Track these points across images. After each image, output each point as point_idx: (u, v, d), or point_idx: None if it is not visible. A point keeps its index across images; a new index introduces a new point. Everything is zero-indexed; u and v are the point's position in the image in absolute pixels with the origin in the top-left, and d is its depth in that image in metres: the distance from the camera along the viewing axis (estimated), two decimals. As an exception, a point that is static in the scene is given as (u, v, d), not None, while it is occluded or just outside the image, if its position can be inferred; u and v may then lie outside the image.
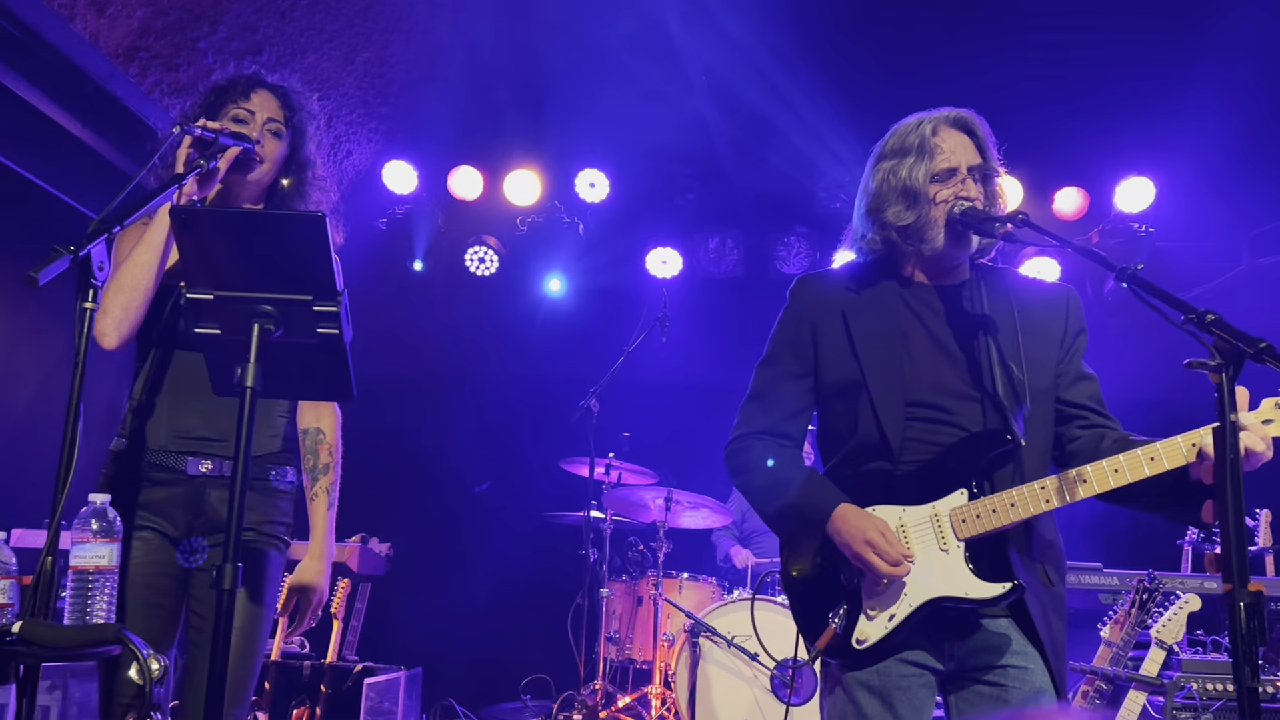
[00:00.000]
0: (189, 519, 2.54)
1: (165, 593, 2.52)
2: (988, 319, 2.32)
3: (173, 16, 4.95)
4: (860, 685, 2.22)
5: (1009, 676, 2.19)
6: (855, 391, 2.30)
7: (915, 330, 2.33)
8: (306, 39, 5.66)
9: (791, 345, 2.44)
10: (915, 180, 2.31)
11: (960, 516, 2.20)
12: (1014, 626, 2.22)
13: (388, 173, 6.83)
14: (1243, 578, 1.67)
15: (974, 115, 2.37)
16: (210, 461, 2.55)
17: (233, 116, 2.63)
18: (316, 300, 2.01)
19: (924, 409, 2.26)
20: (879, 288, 2.39)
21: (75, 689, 4.12)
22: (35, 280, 1.95)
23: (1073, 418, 2.33)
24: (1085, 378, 2.36)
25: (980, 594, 2.16)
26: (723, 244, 7.12)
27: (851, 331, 2.34)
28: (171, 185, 2.33)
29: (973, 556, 2.19)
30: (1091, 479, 2.12)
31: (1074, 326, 2.37)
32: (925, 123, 2.35)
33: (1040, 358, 2.31)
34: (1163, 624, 3.90)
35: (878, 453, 2.27)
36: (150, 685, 1.90)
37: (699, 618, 5.14)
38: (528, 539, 6.91)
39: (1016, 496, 2.16)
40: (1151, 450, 2.09)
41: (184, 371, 2.56)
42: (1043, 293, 2.42)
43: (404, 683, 5.24)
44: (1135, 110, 6.37)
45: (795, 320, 2.45)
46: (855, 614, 2.23)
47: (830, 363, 2.36)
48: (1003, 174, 2.40)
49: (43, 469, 2.61)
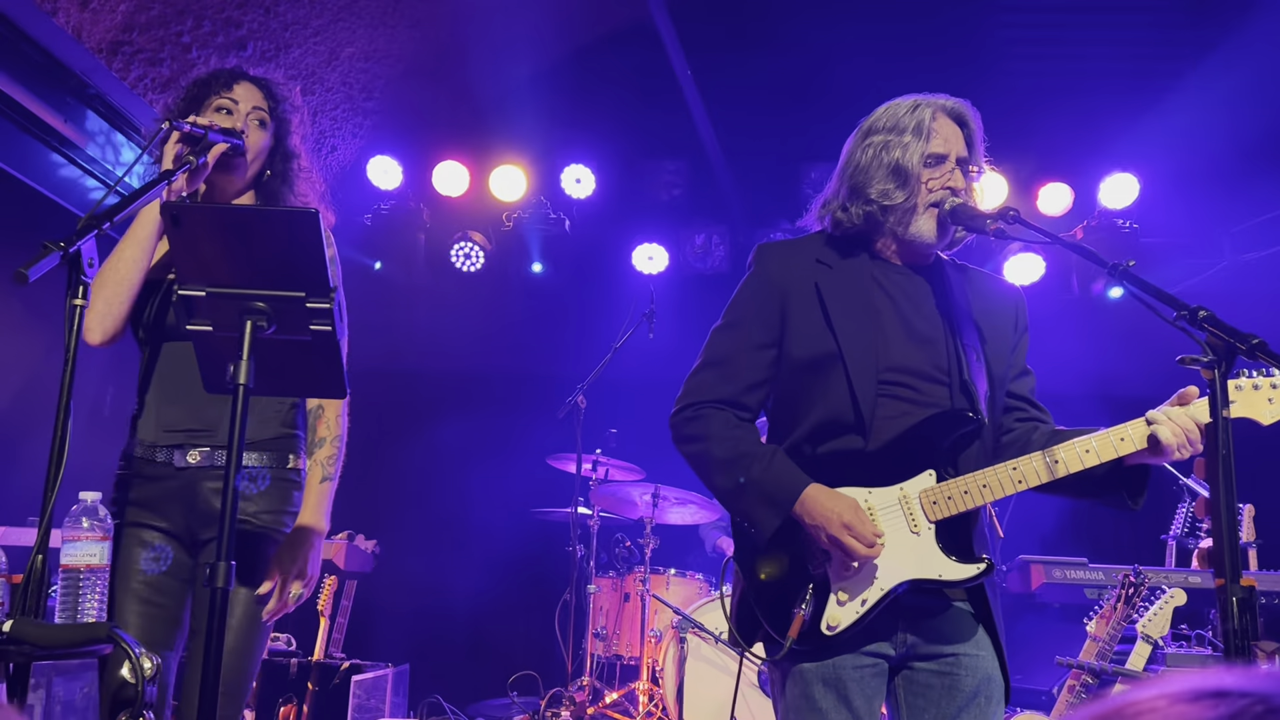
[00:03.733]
0: (186, 514, 2.51)
1: (164, 592, 2.49)
2: (953, 305, 2.33)
3: (156, 11, 4.91)
4: (814, 678, 2.18)
5: (960, 665, 2.19)
6: (828, 365, 2.24)
7: (887, 308, 2.31)
8: (291, 34, 5.63)
9: (759, 313, 2.33)
10: (909, 161, 2.27)
11: (931, 498, 2.18)
12: (969, 612, 2.23)
13: (372, 168, 6.80)
14: (1235, 572, 1.69)
15: (969, 108, 2.36)
16: (198, 453, 2.51)
17: (216, 107, 2.61)
18: (309, 297, 1.99)
19: (895, 387, 2.25)
20: (851, 262, 2.34)
21: (59, 687, 4.08)
22: (25, 277, 1.93)
23: (1011, 409, 2.37)
24: (1026, 373, 2.41)
25: (954, 575, 2.15)
26: (709, 240, 7.13)
27: (826, 304, 2.28)
28: (161, 181, 2.32)
29: (942, 537, 2.18)
30: (1064, 460, 2.13)
31: (1022, 325, 2.42)
32: (923, 106, 2.32)
33: (998, 348, 2.34)
34: (1148, 618, 3.92)
35: (847, 429, 2.23)
36: (143, 684, 1.88)
37: (686, 613, 5.14)
38: (515, 535, 6.90)
39: (989, 478, 2.16)
40: (1121, 431, 2.12)
41: (172, 364, 2.54)
42: (999, 289, 2.46)
43: (391, 680, 5.23)
44: (1119, 107, 6.40)
45: (764, 287, 2.35)
46: (822, 600, 2.18)
47: (801, 335, 2.29)
48: (985, 172, 2.41)
49: (30, 467, 2.58)
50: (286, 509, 2.58)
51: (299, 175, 2.72)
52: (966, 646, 2.20)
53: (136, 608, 2.44)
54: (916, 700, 2.22)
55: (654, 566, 5.67)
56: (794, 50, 6.53)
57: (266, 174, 2.68)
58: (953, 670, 2.19)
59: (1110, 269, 1.97)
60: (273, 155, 2.69)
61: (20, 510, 4.35)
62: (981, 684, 2.18)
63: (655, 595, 5.54)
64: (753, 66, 6.87)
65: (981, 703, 2.18)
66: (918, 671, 2.22)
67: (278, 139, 2.69)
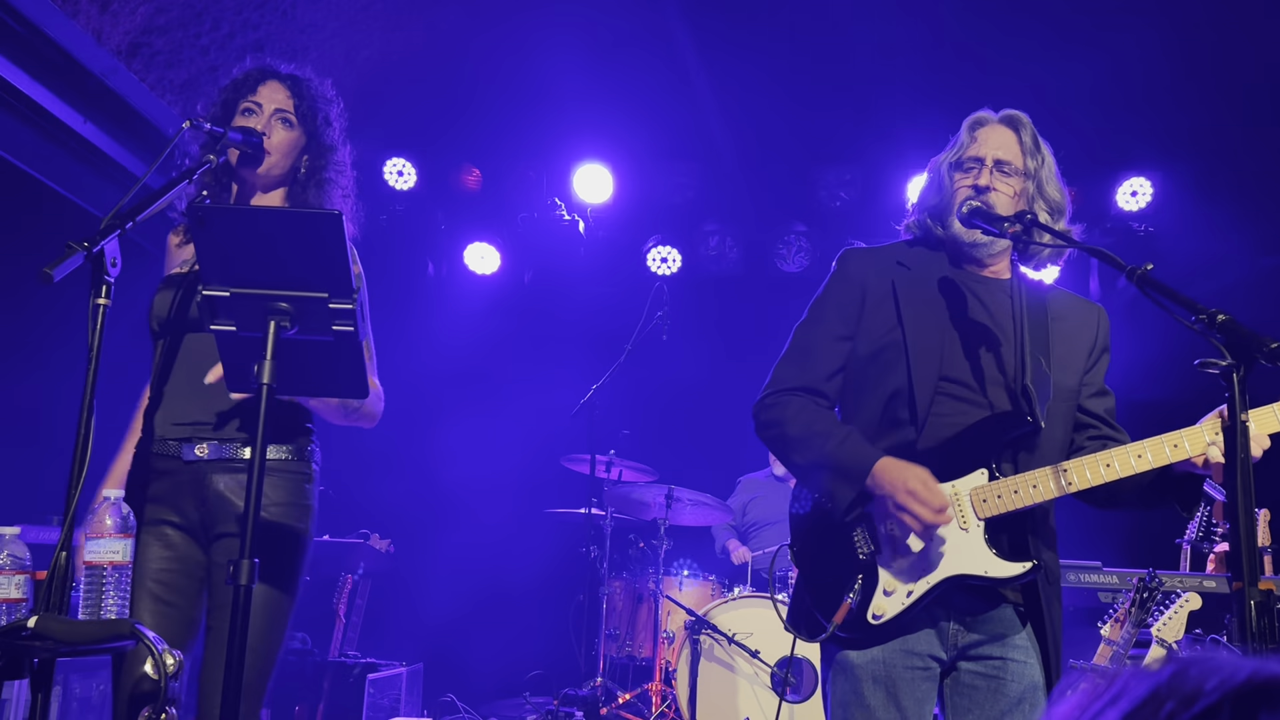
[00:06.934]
0: (198, 507, 2.51)
1: (177, 590, 2.49)
2: (1024, 315, 2.36)
3: (174, 13, 4.95)
4: (865, 675, 2.22)
5: (1008, 670, 2.21)
6: (893, 359, 2.31)
7: (957, 311, 2.36)
8: (308, 37, 5.66)
9: (839, 306, 2.41)
10: (941, 168, 2.42)
11: (981, 496, 2.20)
12: (1021, 616, 2.25)
13: (388, 170, 6.83)
14: (1253, 576, 1.69)
15: (1022, 116, 2.41)
16: (206, 445, 2.51)
17: (243, 109, 2.64)
18: (332, 297, 2.01)
19: (955, 385, 2.29)
20: (929, 267, 2.42)
21: (76, 684, 4.11)
22: (50, 277, 1.95)
23: (1086, 426, 2.38)
24: (1104, 393, 2.43)
25: (1000, 573, 2.17)
26: (722, 242, 7.14)
27: (899, 300, 2.36)
28: (180, 181, 2.34)
29: (992, 536, 2.20)
30: (1115, 463, 2.14)
31: (1102, 343, 2.43)
32: (974, 117, 2.44)
33: (1068, 361, 2.35)
34: (1163, 622, 3.91)
35: (902, 423, 2.28)
36: (166, 680, 1.90)
37: (699, 614, 5.15)
38: (528, 536, 6.91)
39: (1039, 478, 2.18)
40: (1175, 438, 2.12)
41: (182, 358, 2.55)
42: (1077, 305, 2.48)
43: (405, 679, 5.26)
44: (1131, 108, 6.38)
45: (846, 283, 2.44)
46: (871, 589, 2.22)
47: (873, 327, 2.36)
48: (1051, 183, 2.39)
49: (54, 465, 2.61)
50: (298, 501, 2.58)
51: (334, 169, 2.73)
52: (1015, 652, 2.22)
53: (151, 606, 2.45)
54: (961, 700, 2.25)
55: (667, 567, 5.68)
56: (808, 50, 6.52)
57: (301, 171, 2.69)
58: (999, 674, 2.22)
59: (1129, 272, 1.97)
60: (305, 151, 2.70)
61: (44, 508, 4.38)
62: (1027, 691, 2.20)
63: (668, 596, 5.55)
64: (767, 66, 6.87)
65: (1026, 709, 2.20)
66: (963, 673, 2.25)
67: (309, 135, 2.70)
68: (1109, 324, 2.46)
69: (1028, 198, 2.36)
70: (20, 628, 1.88)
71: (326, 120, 2.72)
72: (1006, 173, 2.35)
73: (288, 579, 2.53)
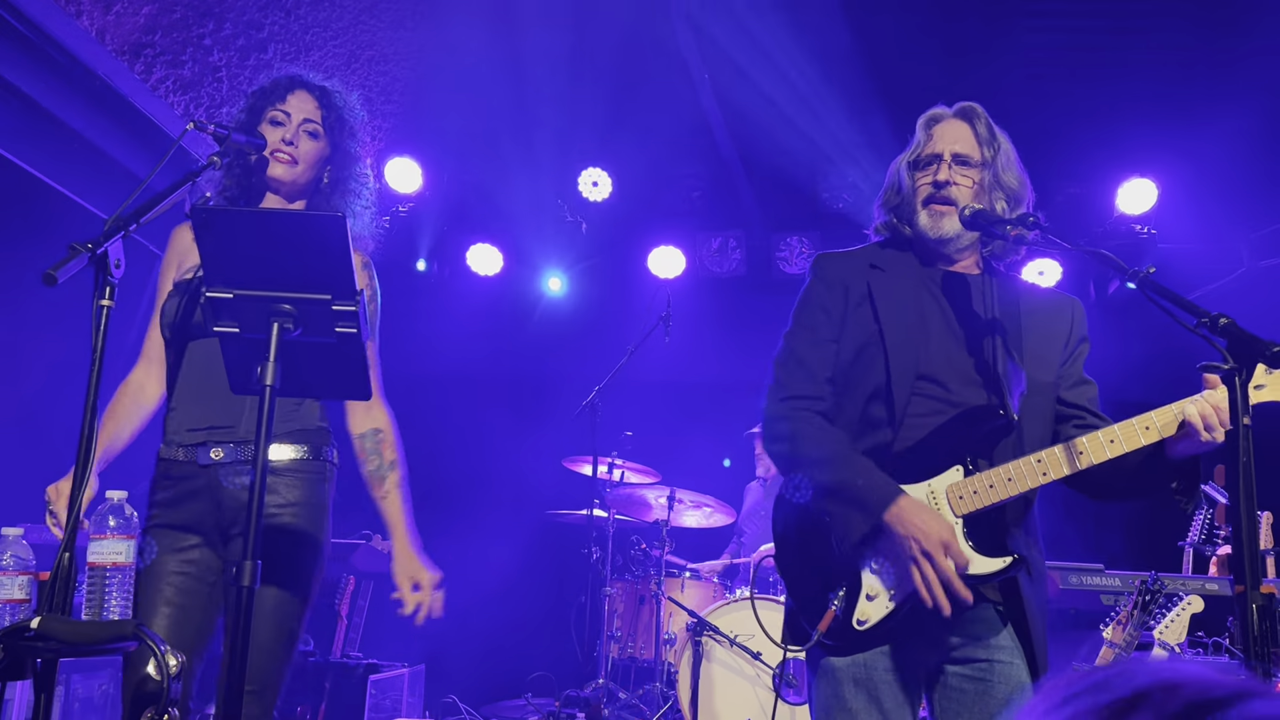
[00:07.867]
0: (215, 511, 2.52)
1: (189, 592, 2.49)
2: (995, 310, 2.36)
3: (178, 13, 4.96)
4: (846, 678, 2.21)
5: (994, 672, 2.20)
6: (871, 360, 2.30)
7: (931, 309, 2.36)
8: (311, 36, 5.67)
9: (824, 309, 2.40)
10: (901, 168, 2.45)
11: (957, 493, 2.19)
12: (1004, 616, 2.23)
13: (391, 171, 6.83)
14: (1255, 579, 1.69)
15: (976, 107, 2.42)
16: (221, 449, 2.52)
17: (270, 119, 2.65)
18: (335, 299, 2.01)
19: (930, 384, 2.28)
20: (901, 267, 2.43)
21: (78, 684, 4.12)
22: (54, 279, 1.95)
23: (1069, 417, 2.37)
24: (1085, 382, 2.41)
25: (980, 569, 2.15)
26: (725, 244, 7.13)
27: (875, 301, 2.36)
28: (185, 182, 2.34)
29: (971, 532, 2.18)
30: (1088, 450, 2.13)
31: (1078, 333, 2.42)
32: (929, 114, 2.45)
33: (1042, 355, 2.34)
34: (1165, 625, 3.91)
35: (880, 424, 2.27)
36: (168, 680, 1.91)
37: (701, 616, 5.15)
38: (531, 537, 6.91)
39: (1014, 471, 2.16)
40: (1146, 420, 2.11)
41: (196, 363, 2.57)
42: (1049, 298, 2.48)
43: (407, 680, 5.26)
44: (1137, 111, 6.38)
45: (826, 286, 2.43)
46: (855, 595, 2.21)
47: (853, 327, 2.36)
48: (1009, 170, 2.39)
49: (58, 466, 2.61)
50: (311, 501, 2.58)
51: (358, 180, 2.74)
52: (1000, 653, 2.20)
53: (165, 609, 2.45)
54: (949, 705, 2.23)
55: (669, 569, 5.67)
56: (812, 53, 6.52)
57: (324, 181, 2.70)
58: (986, 676, 2.20)
59: (1130, 275, 1.97)
60: (330, 162, 2.71)
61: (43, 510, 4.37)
62: (1015, 693, 2.19)
63: (670, 598, 5.55)
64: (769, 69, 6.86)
65: (1013, 712, 2.17)
66: (950, 676, 2.24)
67: (335, 147, 2.71)
68: (1084, 313, 2.46)
69: (986, 187, 2.36)
70: (24, 628, 1.88)
71: (352, 133, 2.73)
72: (965, 166, 2.36)
73: (303, 579, 2.54)
